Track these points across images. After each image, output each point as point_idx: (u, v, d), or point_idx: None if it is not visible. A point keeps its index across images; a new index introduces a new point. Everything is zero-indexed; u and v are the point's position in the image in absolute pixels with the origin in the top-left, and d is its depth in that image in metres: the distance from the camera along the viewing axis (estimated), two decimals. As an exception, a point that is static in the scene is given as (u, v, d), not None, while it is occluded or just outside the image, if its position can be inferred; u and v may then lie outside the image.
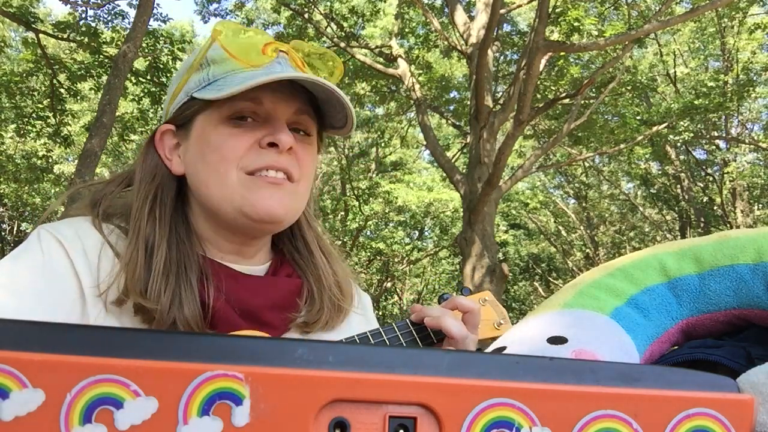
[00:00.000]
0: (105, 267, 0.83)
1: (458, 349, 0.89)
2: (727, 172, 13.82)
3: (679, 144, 12.89)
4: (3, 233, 16.84)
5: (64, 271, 0.80)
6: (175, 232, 0.86)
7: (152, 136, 0.91)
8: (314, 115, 0.91)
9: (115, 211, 0.89)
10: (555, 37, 8.69)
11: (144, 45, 8.40)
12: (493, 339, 1.00)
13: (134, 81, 9.03)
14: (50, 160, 13.45)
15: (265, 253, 0.96)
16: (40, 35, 8.44)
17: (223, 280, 0.86)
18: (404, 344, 0.90)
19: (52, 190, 14.96)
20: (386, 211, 14.99)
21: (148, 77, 9.07)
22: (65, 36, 8.59)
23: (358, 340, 0.88)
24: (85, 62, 9.19)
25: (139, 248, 0.82)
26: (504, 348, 0.90)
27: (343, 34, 11.09)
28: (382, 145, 15.65)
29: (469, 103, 9.64)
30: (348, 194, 14.98)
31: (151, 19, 7.98)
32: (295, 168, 0.86)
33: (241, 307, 0.85)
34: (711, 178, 15.05)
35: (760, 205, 15.52)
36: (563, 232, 18.09)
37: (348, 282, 0.99)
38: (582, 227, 17.40)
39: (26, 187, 14.34)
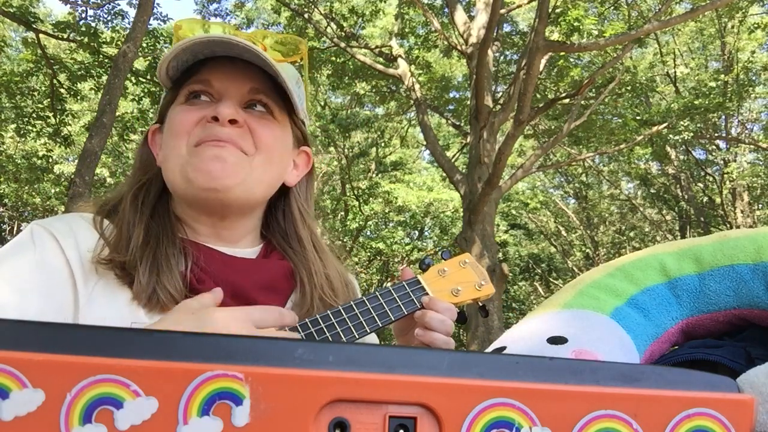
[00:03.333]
0: (89, 248, 0.85)
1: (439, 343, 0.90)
2: (727, 172, 13.82)
3: (679, 144, 12.89)
4: (3, 233, 16.83)
5: (57, 262, 0.81)
6: (154, 217, 0.89)
7: (146, 134, 0.97)
8: (277, 97, 0.92)
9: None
10: (555, 37, 8.69)
11: (144, 45, 8.40)
12: (475, 300, 1.02)
13: (134, 81, 9.02)
14: (50, 160, 13.43)
15: (253, 239, 0.97)
16: (40, 35, 8.44)
17: (208, 261, 0.87)
18: (388, 311, 0.91)
19: (52, 190, 14.94)
20: (386, 211, 14.98)
21: (148, 77, 9.06)
22: (65, 36, 8.59)
23: (341, 310, 0.89)
24: (85, 62, 9.18)
25: (122, 229, 0.86)
26: (504, 348, 0.90)
27: (343, 34, 11.08)
28: (382, 145, 15.64)
29: (469, 103, 9.64)
30: (348, 194, 14.97)
31: (151, 19, 7.98)
32: (246, 141, 0.88)
33: (230, 288, 0.86)
34: (711, 178, 15.04)
35: (760, 205, 15.51)
36: (563, 232, 18.09)
37: (339, 278, 0.99)
38: (582, 227, 17.40)
39: (26, 187, 14.33)
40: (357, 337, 0.88)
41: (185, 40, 0.87)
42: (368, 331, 0.89)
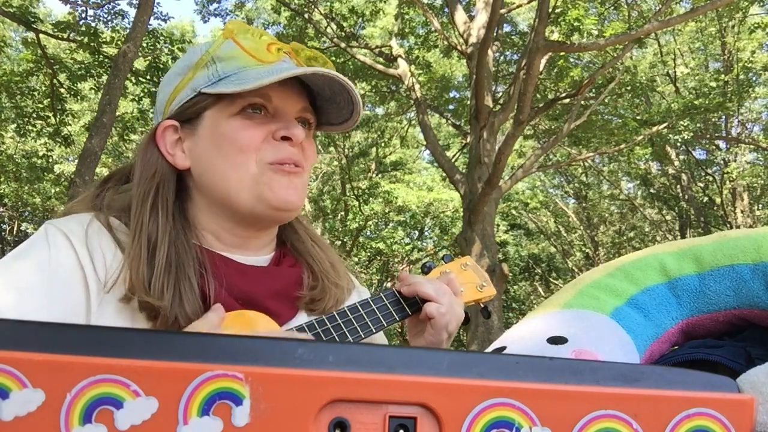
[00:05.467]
0: (109, 259, 0.84)
1: (441, 313, 0.92)
2: (727, 172, 13.82)
3: (679, 144, 12.88)
4: (3, 233, 16.83)
5: (70, 264, 0.81)
6: (175, 228, 0.87)
7: (153, 132, 0.92)
8: (313, 113, 0.95)
9: (117, 207, 0.90)
10: (555, 37, 8.69)
11: (144, 45, 8.40)
12: (477, 301, 1.05)
13: (134, 81, 9.02)
14: (50, 160, 13.44)
15: (271, 247, 0.98)
16: (40, 35, 8.44)
17: (222, 271, 0.87)
18: (392, 312, 0.94)
19: (52, 190, 14.94)
20: (386, 211, 14.98)
21: (148, 77, 9.05)
22: (65, 36, 8.59)
23: (347, 311, 0.91)
24: (85, 62, 9.18)
25: (142, 245, 0.84)
26: (504, 348, 0.90)
27: (343, 34, 11.08)
28: (382, 145, 15.64)
29: (469, 103, 9.64)
30: (348, 194, 14.97)
31: (151, 19, 7.98)
32: (303, 159, 0.91)
33: (242, 297, 0.87)
34: (711, 178, 15.04)
35: (760, 205, 15.51)
36: (563, 232, 18.08)
37: (340, 263, 1.04)
38: (582, 227, 17.39)
39: (26, 187, 14.33)
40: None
41: (293, 71, 0.85)
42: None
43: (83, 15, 8.98)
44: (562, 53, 8.95)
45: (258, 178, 0.86)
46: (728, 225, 14.03)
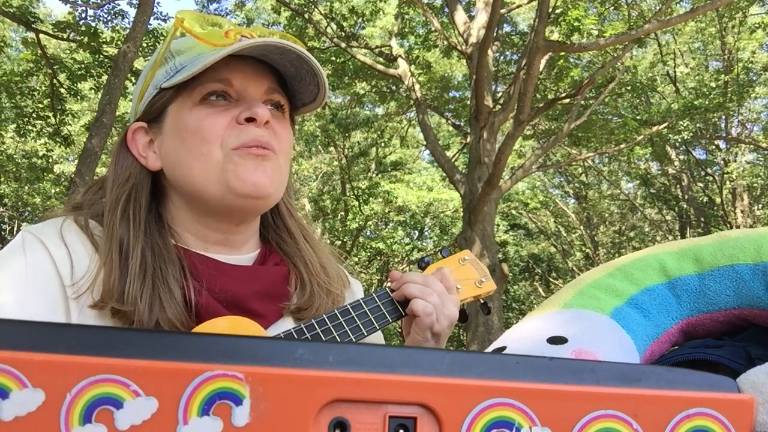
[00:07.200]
0: (85, 263, 0.82)
1: (426, 313, 0.89)
2: (727, 172, 13.82)
3: (679, 144, 12.89)
4: (3, 233, 16.83)
5: (47, 271, 0.80)
6: (149, 233, 0.85)
7: (123, 137, 0.91)
8: (284, 95, 0.91)
9: (98, 210, 0.89)
10: (555, 37, 8.69)
11: (144, 45, 8.40)
12: (476, 298, 1.01)
13: (134, 81, 9.02)
14: (50, 160, 13.43)
15: (254, 243, 0.95)
16: (40, 35, 8.44)
17: (205, 272, 0.85)
18: (385, 313, 0.91)
19: (52, 190, 14.95)
20: (386, 211, 14.98)
21: (149, 77, 9.03)
22: (65, 36, 8.59)
23: (338, 314, 0.88)
24: (85, 62, 9.19)
25: (113, 251, 0.81)
26: (504, 348, 0.90)
27: (343, 34, 11.08)
28: (382, 145, 15.63)
29: (469, 103, 9.64)
30: (348, 194, 14.97)
31: (152, 19, 7.98)
32: (274, 141, 0.86)
33: (226, 298, 0.84)
34: (711, 178, 15.05)
35: (760, 205, 15.51)
36: (563, 232, 18.09)
37: (333, 265, 0.99)
38: (582, 227, 17.40)
39: (26, 187, 14.33)
40: None
41: (237, 46, 0.81)
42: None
43: (83, 15, 8.98)
44: (562, 53, 8.95)
45: (223, 166, 0.83)
46: (728, 225, 14.03)
